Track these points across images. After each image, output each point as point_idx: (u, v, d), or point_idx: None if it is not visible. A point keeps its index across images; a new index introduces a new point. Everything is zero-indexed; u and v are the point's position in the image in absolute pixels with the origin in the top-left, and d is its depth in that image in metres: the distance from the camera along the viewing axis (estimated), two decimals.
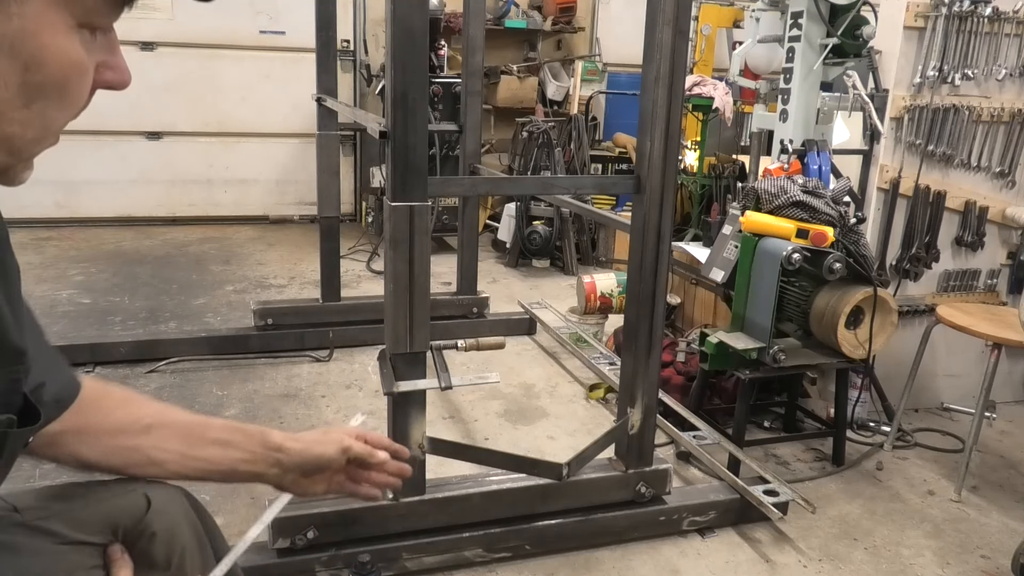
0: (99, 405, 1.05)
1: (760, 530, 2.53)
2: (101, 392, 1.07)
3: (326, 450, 1.14)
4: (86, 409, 1.03)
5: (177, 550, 1.15)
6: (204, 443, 1.08)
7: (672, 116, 2.17)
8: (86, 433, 1.03)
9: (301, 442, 1.12)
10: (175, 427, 1.08)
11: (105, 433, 1.05)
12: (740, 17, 6.11)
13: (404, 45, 1.89)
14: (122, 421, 1.06)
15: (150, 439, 1.07)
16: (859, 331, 2.73)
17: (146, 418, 1.08)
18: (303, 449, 1.12)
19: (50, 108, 0.67)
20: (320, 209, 3.97)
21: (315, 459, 1.14)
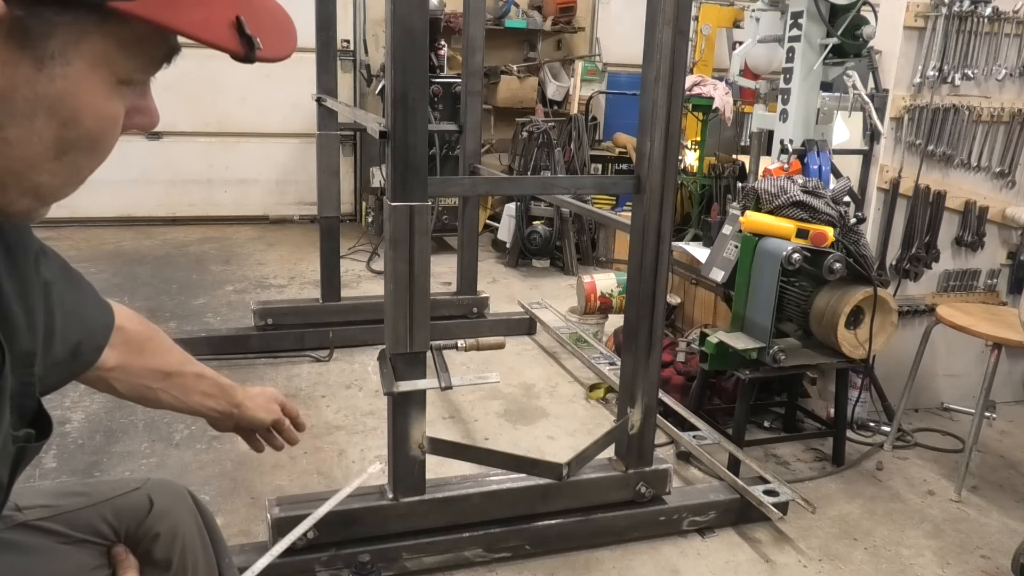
0: (143, 348, 1.18)
1: (760, 530, 2.53)
2: (146, 335, 1.20)
3: (264, 418, 1.35)
4: (133, 350, 1.16)
5: (180, 550, 1.16)
6: (195, 393, 1.27)
7: (672, 116, 2.17)
8: (126, 371, 1.16)
9: (252, 404, 1.33)
10: (183, 378, 1.25)
11: (138, 374, 1.19)
12: (740, 17, 6.11)
13: (404, 45, 1.89)
14: (154, 368, 1.21)
15: (164, 384, 1.22)
16: (859, 331, 2.73)
17: (169, 367, 1.23)
18: (252, 411, 1.33)
19: (81, 159, 0.68)
20: (320, 209, 3.97)
21: (254, 421, 1.35)
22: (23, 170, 0.64)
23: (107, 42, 0.63)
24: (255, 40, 0.65)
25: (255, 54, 0.66)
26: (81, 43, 0.61)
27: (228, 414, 1.31)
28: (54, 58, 0.60)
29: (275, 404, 1.37)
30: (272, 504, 2.13)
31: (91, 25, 0.61)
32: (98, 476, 2.63)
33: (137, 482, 1.18)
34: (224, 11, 0.65)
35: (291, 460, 2.83)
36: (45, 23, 0.59)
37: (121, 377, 1.16)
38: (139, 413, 3.12)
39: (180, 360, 1.25)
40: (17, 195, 0.66)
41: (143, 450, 2.84)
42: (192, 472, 2.71)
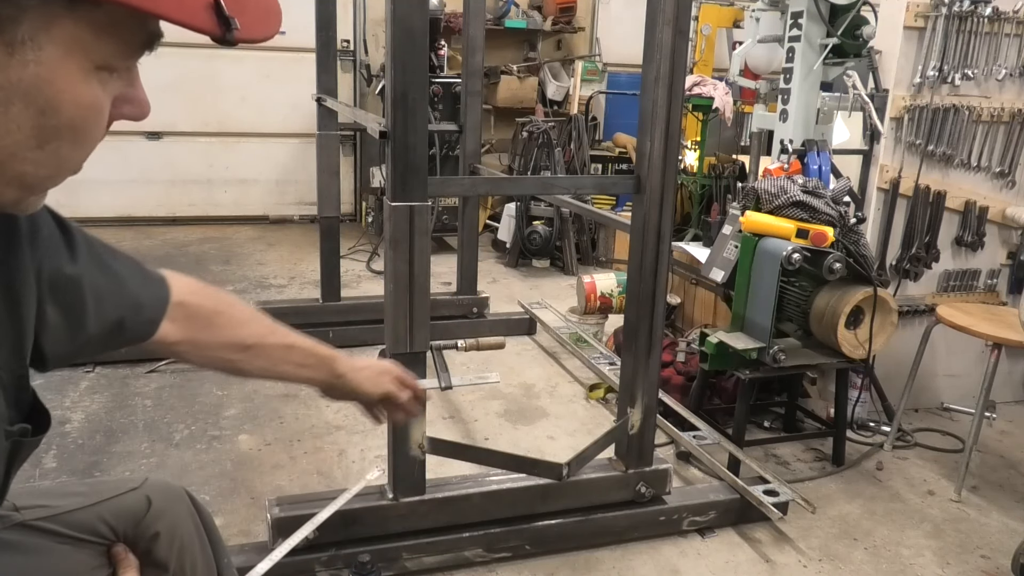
0: (211, 322, 1.15)
1: (760, 530, 2.52)
2: (213, 309, 1.16)
3: (372, 391, 1.29)
4: (200, 325, 1.14)
5: (179, 550, 1.16)
6: (286, 363, 1.23)
7: (672, 116, 2.17)
8: (196, 345, 1.14)
9: (356, 376, 1.27)
10: (266, 349, 1.21)
11: (211, 348, 1.16)
12: (740, 17, 6.11)
13: (404, 45, 1.89)
14: (228, 341, 1.18)
15: (245, 356, 1.19)
16: (859, 331, 2.73)
17: (248, 339, 1.19)
18: (355, 385, 1.27)
19: (64, 148, 0.67)
20: (320, 209, 3.97)
21: (359, 394, 1.29)
22: (4, 159, 0.64)
23: (79, 26, 0.61)
24: (232, 21, 0.64)
25: (233, 35, 0.65)
26: (52, 27, 0.60)
27: (329, 384, 1.27)
28: (24, 43, 0.59)
29: (386, 377, 1.32)
30: (272, 504, 2.13)
31: (60, 9, 0.60)
32: (98, 476, 2.63)
33: (135, 482, 1.18)
34: None
35: (291, 460, 2.83)
36: (12, 7, 0.58)
37: (191, 351, 1.14)
38: (139, 413, 3.12)
39: (261, 332, 1.21)
40: (1, 185, 0.66)
41: (143, 450, 2.84)
42: (192, 472, 2.71)
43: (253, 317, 1.22)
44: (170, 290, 1.10)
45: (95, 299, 0.95)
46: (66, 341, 0.93)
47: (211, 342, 1.16)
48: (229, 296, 1.22)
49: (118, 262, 1.02)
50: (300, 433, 3.03)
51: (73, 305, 0.92)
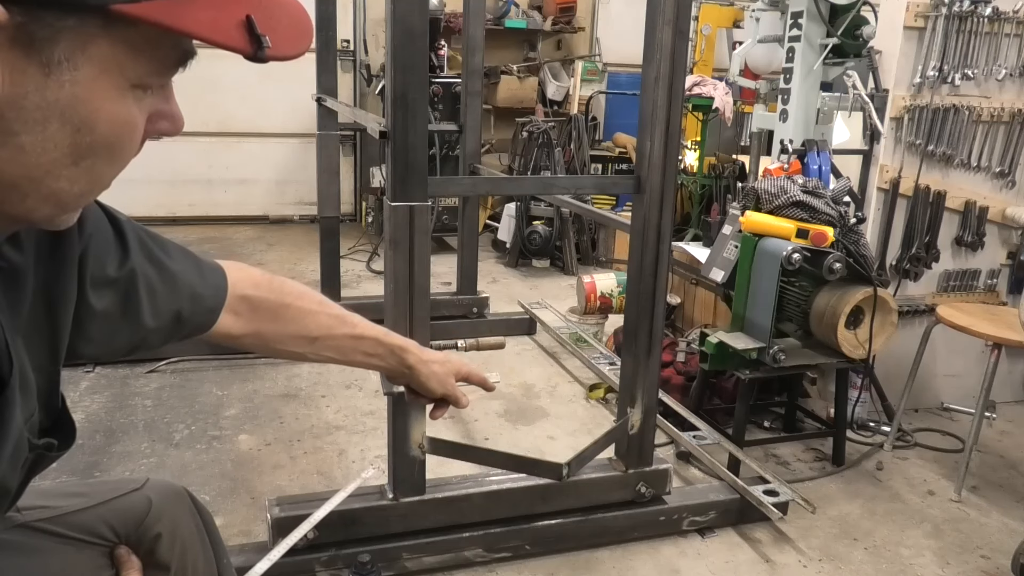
0: (277, 315, 1.16)
1: (760, 530, 2.52)
2: (279, 302, 1.16)
3: (434, 388, 1.30)
4: (266, 318, 1.15)
5: (180, 551, 1.16)
6: (355, 352, 1.24)
7: (672, 116, 2.17)
8: (262, 338, 1.16)
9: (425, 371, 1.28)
10: (335, 340, 1.22)
11: (277, 340, 1.17)
12: (740, 17, 6.11)
13: (404, 45, 1.89)
14: (294, 334, 1.18)
15: (313, 347, 1.20)
16: (859, 331, 2.73)
17: (315, 331, 1.20)
18: (423, 380, 1.28)
19: (98, 165, 0.67)
20: (320, 209, 3.97)
21: (424, 390, 1.30)
22: (40, 176, 0.64)
23: (115, 46, 0.62)
24: (264, 39, 0.65)
25: (264, 53, 0.66)
26: (88, 47, 0.61)
27: (399, 373, 1.28)
28: (61, 63, 0.60)
29: (451, 379, 1.32)
30: (272, 504, 2.13)
31: (96, 29, 0.60)
32: (98, 476, 2.63)
33: (136, 483, 1.18)
34: (234, 10, 0.64)
35: (291, 460, 2.83)
36: (49, 28, 0.58)
37: (257, 343, 1.16)
38: (139, 413, 3.12)
39: (329, 324, 1.21)
40: (36, 202, 0.66)
41: (143, 450, 2.84)
42: (192, 472, 2.71)
43: (321, 307, 1.22)
44: (227, 280, 1.10)
45: (148, 293, 0.97)
46: (124, 335, 0.97)
47: (278, 334, 1.17)
48: (296, 286, 1.21)
49: (172, 256, 1.03)
50: (300, 433, 3.03)
51: (127, 301, 0.95)
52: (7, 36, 0.57)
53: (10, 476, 0.82)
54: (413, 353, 1.27)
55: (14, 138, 0.61)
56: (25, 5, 0.56)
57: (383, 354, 1.25)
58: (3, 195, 0.64)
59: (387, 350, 1.25)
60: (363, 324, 1.25)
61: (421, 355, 1.27)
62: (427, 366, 1.28)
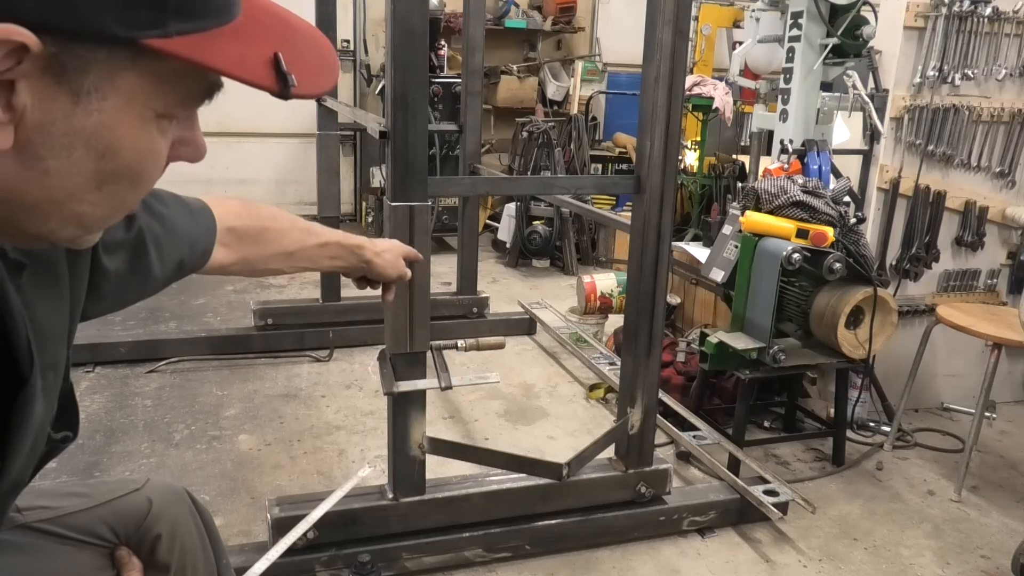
0: (258, 239, 1.25)
1: (760, 530, 2.53)
2: (260, 227, 1.26)
3: (391, 275, 1.43)
4: (250, 244, 1.24)
5: (180, 552, 1.16)
6: (323, 259, 1.36)
7: (672, 116, 2.17)
8: (247, 262, 1.25)
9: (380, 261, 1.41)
10: (306, 251, 1.33)
11: (262, 262, 1.28)
12: (740, 17, 6.11)
13: (404, 45, 1.89)
14: (275, 253, 1.29)
15: (290, 261, 1.32)
16: (859, 331, 2.73)
17: (291, 246, 1.30)
18: (380, 268, 1.41)
19: (121, 190, 0.69)
20: (320, 209, 3.97)
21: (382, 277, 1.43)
22: (64, 200, 0.65)
23: (142, 78, 0.63)
24: (290, 77, 0.66)
25: (290, 91, 0.67)
26: (116, 78, 0.62)
27: (357, 268, 1.40)
28: (90, 93, 0.61)
29: (401, 260, 1.45)
30: (272, 504, 2.13)
31: (125, 61, 0.62)
32: (98, 476, 2.63)
33: (136, 483, 1.18)
34: (262, 47, 0.66)
35: (291, 460, 2.83)
36: (80, 59, 0.59)
37: (244, 268, 1.25)
38: (139, 413, 3.12)
39: (301, 237, 1.31)
40: (59, 224, 0.67)
41: (143, 450, 2.84)
42: (192, 472, 2.71)
43: (293, 224, 1.32)
44: (215, 219, 1.16)
45: (155, 247, 1.02)
46: (135, 288, 1.02)
47: (261, 256, 1.26)
48: (268, 209, 1.30)
49: (167, 205, 1.06)
50: (300, 433, 3.03)
51: (137, 258, 0.99)
52: (39, 65, 0.58)
53: (26, 470, 0.83)
54: (368, 248, 1.39)
55: (40, 162, 0.62)
56: (58, 36, 0.57)
57: (344, 255, 1.37)
58: (27, 217, 0.65)
59: (347, 251, 1.38)
60: (324, 231, 1.36)
61: (374, 248, 1.40)
62: (381, 256, 1.41)
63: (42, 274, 0.80)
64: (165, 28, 0.60)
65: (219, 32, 0.63)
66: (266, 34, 0.67)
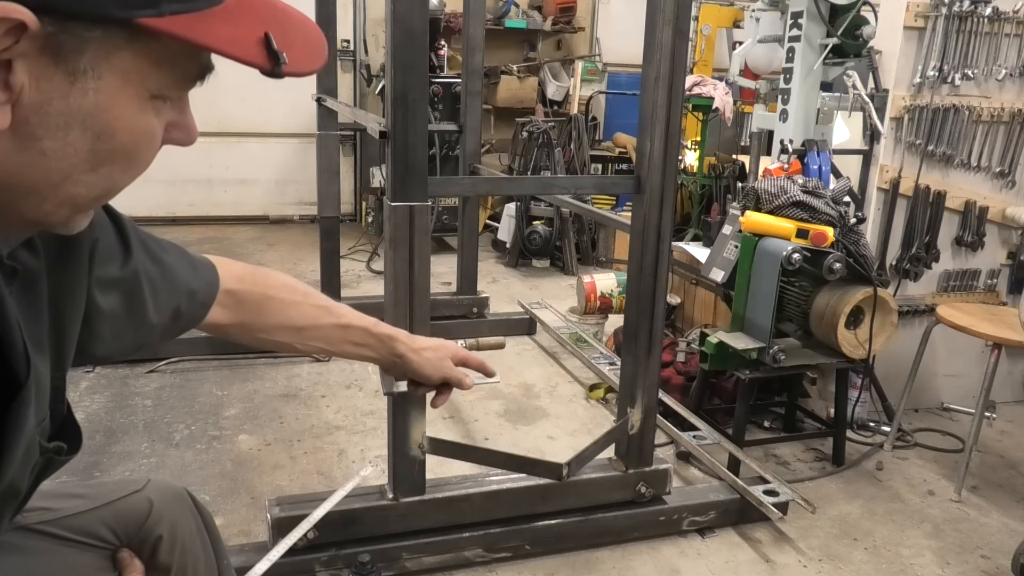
0: (262, 307, 1.18)
1: (760, 530, 2.53)
2: (263, 294, 1.18)
3: (431, 375, 1.29)
4: (251, 310, 1.17)
5: (180, 553, 1.16)
6: (343, 342, 1.25)
7: (672, 116, 2.17)
8: (245, 328, 1.18)
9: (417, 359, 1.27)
10: (321, 330, 1.23)
11: (263, 330, 1.20)
12: (740, 17, 6.11)
13: (404, 45, 1.89)
14: (279, 324, 1.20)
15: (299, 337, 1.22)
16: (859, 331, 2.73)
17: (300, 321, 1.21)
18: (416, 367, 1.27)
19: (116, 172, 0.69)
20: (320, 209, 3.97)
21: (419, 377, 1.29)
22: (59, 181, 0.66)
23: (138, 58, 0.64)
24: (281, 55, 0.68)
25: (281, 69, 0.68)
26: (112, 58, 0.63)
27: (391, 363, 1.28)
28: (86, 72, 0.62)
29: (448, 362, 1.31)
30: (272, 504, 2.13)
31: (121, 41, 0.62)
32: (98, 476, 2.63)
33: (137, 484, 1.18)
34: (253, 27, 0.67)
35: (291, 460, 2.83)
36: (76, 39, 0.60)
37: (243, 333, 1.18)
38: (139, 413, 3.12)
39: (315, 314, 1.22)
40: (54, 206, 0.68)
41: (143, 450, 2.84)
42: (192, 472, 2.71)
43: (306, 298, 1.23)
44: (219, 275, 1.13)
45: (152, 291, 1.00)
46: (131, 333, 0.99)
47: (263, 325, 1.19)
48: (281, 278, 1.23)
49: (168, 253, 1.05)
50: (300, 433, 3.03)
51: (132, 300, 0.97)
52: (37, 45, 0.58)
53: (20, 479, 0.82)
54: (402, 342, 1.27)
55: (37, 143, 0.63)
56: (56, 16, 0.58)
57: (373, 344, 1.26)
58: (23, 199, 0.66)
59: (376, 340, 1.26)
60: (351, 314, 1.26)
61: (411, 343, 1.27)
62: (418, 354, 1.27)
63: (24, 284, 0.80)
64: (159, 7, 0.60)
65: (211, 12, 0.63)
66: (256, 15, 0.68)
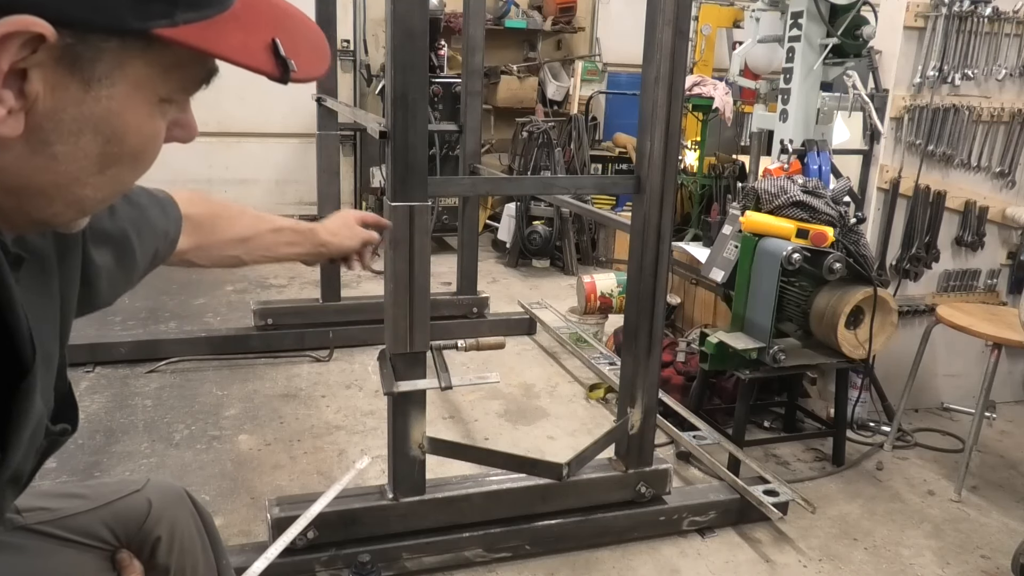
0: (214, 226, 1.28)
1: (760, 530, 2.53)
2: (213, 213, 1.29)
3: (351, 246, 1.46)
4: (205, 231, 1.26)
5: (179, 553, 1.16)
6: (279, 245, 1.38)
7: (672, 116, 2.17)
8: (203, 248, 1.27)
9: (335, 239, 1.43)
10: (261, 238, 1.35)
11: (217, 248, 1.30)
12: (740, 17, 6.11)
13: (404, 45, 1.89)
14: (229, 238, 1.31)
15: (245, 248, 1.34)
16: (859, 331, 2.73)
17: (245, 231, 1.33)
18: (338, 245, 1.44)
19: (123, 173, 0.71)
20: (320, 209, 3.97)
21: (343, 252, 1.45)
22: (68, 184, 0.67)
23: (150, 65, 0.65)
24: (290, 62, 0.69)
25: (289, 76, 0.69)
26: (126, 66, 0.64)
27: (316, 254, 1.42)
28: (101, 81, 0.63)
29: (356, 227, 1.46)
30: (272, 504, 2.13)
31: (136, 50, 0.64)
32: (98, 476, 2.63)
33: (137, 484, 1.18)
34: (261, 35, 0.68)
35: (291, 460, 2.83)
36: (93, 49, 0.61)
37: (200, 255, 1.26)
38: (139, 413, 3.12)
39: (253, 223, 1.34)
40: (62, 207, 0.69)
41: (143, 450, 2.84)
42: (192, 472, 2.71)
43: (243, 211, 1.35)
44: (178, 206, 1.19)
45: (138, 238, 1.05)
46: (123, 282, 1.04)
47: (216, 242, 1.28)
48: (218, 199, 1.34)
49: (141, 197, 1.09)
50: (300, 433, 3.03)
51: (123, 250, 1.01)
52: (54, 55, 0.60)
53: (26, 462, 0.83)
54: (320, 231, 1.41)
55: (49, 148, 0.64)
56: (73, 28, 0.59)
57: (300, 240, 1.40)
58: (31, 201, 0.67)
59: (302, 236, 1.40)
60: (277, 218, 1.39)
61: (328, 228, 1.41)
62: (335, 234, 1.42)
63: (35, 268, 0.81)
64: (173, 18, 0.62)
65: (221, 19, 0.65)
66: (262, 20, 0.69)
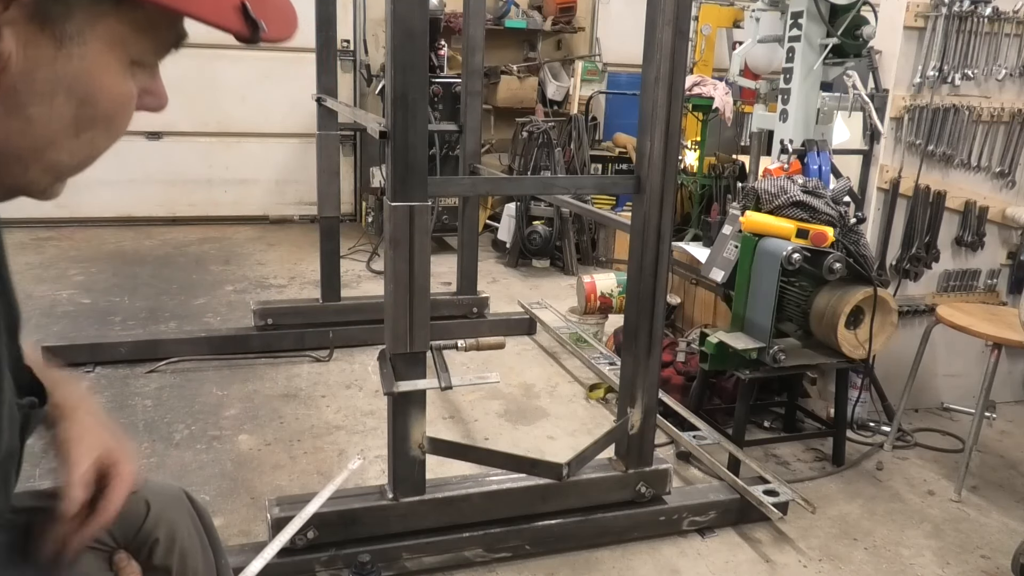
0: None
1: (760, 530, 2.53)
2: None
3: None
4: None
5: (179, 555, 1.16)
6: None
7: (672, 116, 2.17)
8: None
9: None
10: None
11: None
12: (740, 17, 6.11)
13: (404, 45, 1.89)
14: None
15: None
16: (859, 331, 2.73)
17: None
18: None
19: (97, 137, 0.71)
20: (320, 209, 3.97)
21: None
22: (44, 148, 0.68)
23: (122, 24, 0.66)
24: (260, 23, 0.70)
25: (259, 35, 0.70)
26: (97, 24, 0.65)
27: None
28: (72, 38, 0.64)
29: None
30: (272, 504, 2.13)
31: (107, 7, 0.64)
32: None
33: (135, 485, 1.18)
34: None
35: (291, 460, 2.83)
36: (64, 5, 0.62)
37: None
38: (139, 413, 3.12)
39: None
40: (38, 173, 0.70)
41: (143, 450, 2.84)
42: (192, 472, 2.71)
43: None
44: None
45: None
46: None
47: None
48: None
49: None
50: (300, 433, 3.03)
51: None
52: (25, 12, 0.60)
53: (13, 439, 0.84)
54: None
55: (23, 110, 0.64)
56: None
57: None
58: (7, 168, 0.67)
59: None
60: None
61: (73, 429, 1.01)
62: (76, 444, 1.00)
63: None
64: None
65: None
66: None
